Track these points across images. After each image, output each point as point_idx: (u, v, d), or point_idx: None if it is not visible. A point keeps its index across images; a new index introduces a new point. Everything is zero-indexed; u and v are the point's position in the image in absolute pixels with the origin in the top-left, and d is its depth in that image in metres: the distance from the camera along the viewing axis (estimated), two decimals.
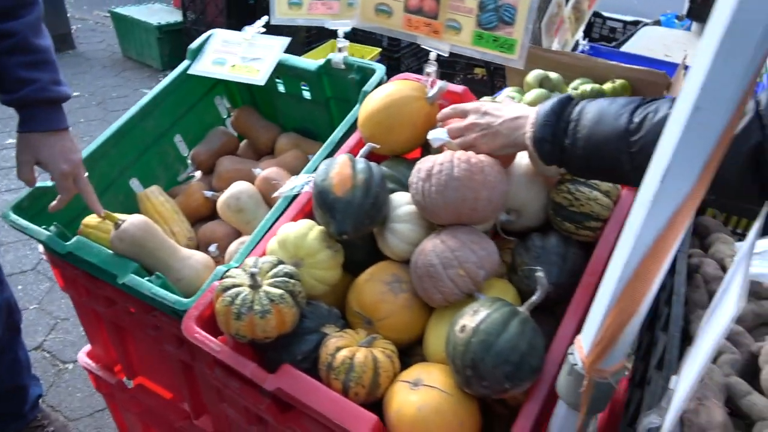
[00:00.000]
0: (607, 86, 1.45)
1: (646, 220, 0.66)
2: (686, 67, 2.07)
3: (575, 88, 1.47)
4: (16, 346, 1.74)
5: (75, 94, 4.43)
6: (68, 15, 5.23)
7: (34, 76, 1.22)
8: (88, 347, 1.74)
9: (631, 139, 0.82)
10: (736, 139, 0.73)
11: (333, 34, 1.52)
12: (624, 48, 3.07)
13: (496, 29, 1.24)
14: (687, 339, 1.03)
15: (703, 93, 0.57)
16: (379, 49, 4.01)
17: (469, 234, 1.05)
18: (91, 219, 1.37)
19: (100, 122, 4.06)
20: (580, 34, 2.10)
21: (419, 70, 5.00)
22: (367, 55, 3.96)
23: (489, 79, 3.12)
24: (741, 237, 1.35)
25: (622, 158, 0.84)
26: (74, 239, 1.28)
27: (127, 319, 1.42)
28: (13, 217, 1.33)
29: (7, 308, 1.65)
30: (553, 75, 1.44)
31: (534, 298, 0.98)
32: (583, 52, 2.14)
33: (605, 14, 4.17)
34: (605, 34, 4.17)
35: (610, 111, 0.86)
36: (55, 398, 2.11)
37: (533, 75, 1.46)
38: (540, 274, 0.97)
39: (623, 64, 1.44)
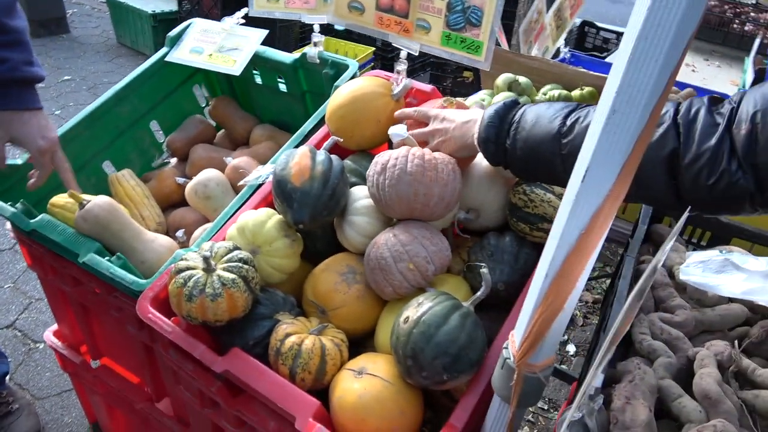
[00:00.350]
0: (576, 93, 1.47)
1: (569, 218, 0.69)
2: None
3: (545, 93, 1.50)
4: None
5: (66, 78, 4.43)
6: None
7: (5, 55, 1.23)
8: (55, 326, 1.75)
9: (563, 141, 0.85)
10: (653, 146, 0.75)
11: (328, 30, 1.54)
12: (610, 58, 3.10)
13: (464, 30, 1.26)
14: (628, 342, 1.05)
15: (619, 97, 0.60)
16: (373, 49, 4.02)
17: (422, 229, 1.08)
18: (59, 198, 1.38)
19: None
20: (561, 41, 2.12)
21: (412, 72, 5.02)
22: (360, 54, 3.98)
23: (476, 82, 3.15)
24: (696, 246, 1.38)
25: (555, 160, 0.86)
26: (39, 217, 1.29)
27: (92, 300, 1.43)
28: None
29: None
30: (522, 79, 1.46)
31: (478, 293, 1.00)
32: (564, 59, 2.17)
33: (600, 25, 4.20)
34: (599, 45, 4.19)
35: (547, 114, 0.89)
36: (24, 377, 2.12)
37: (502, 78, 1.48)
38: (484, 270, 0.99)
39: (592, 72, 1.47)
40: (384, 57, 4.20)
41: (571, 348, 2.52)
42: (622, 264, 1.16)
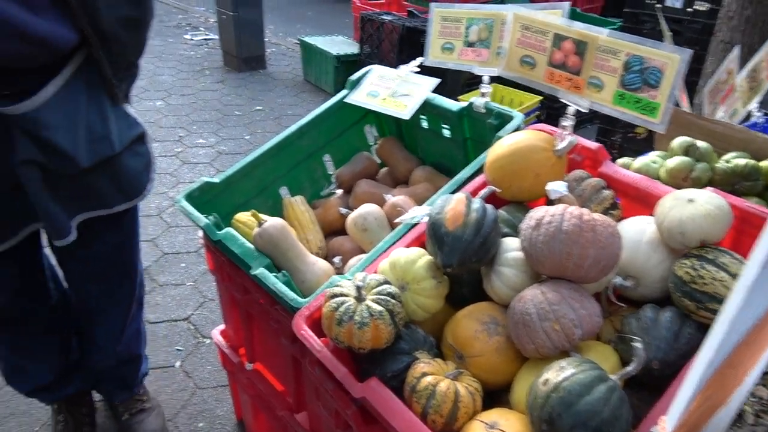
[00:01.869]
0: (765, 164, 1.33)
1: (743, 305, 0.63)
2: None
3: (727, 161, 1.37)
4: (140, 318, 1.99)
5: (258, 108, 5.04)
6: (266, 40, 6.00)
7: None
8: (222, 326, 1.98)
9: None
10: None
11: (496, 79, 1.59)
12: None
13: (640, 91, 1.22)
14: None
15: None
16: (540, 98, 4.00)
17: (572, 290, 1.05)
18: (242, 215, 1.58)
19: (273, 135, 4.56)
20: (754, 104, 1.93)
21: (580, 123, 4.88)
22: (526, 101, 3.97)
23: (649, 139, 2.96)
24: None
25: None
26: (225, 230, 1.49)
27: (256, 308, 1.60)
28: (184, 203, 1.58)
29: (139, 284, 1.91)
30: (701, 144, 1.35)
31: (629, 368, 0.95)
32: (755, 124, 1.96)
33: None
34: None
35: None
36: (191, 366, 2.41)
37: (678, 141, 1.39)
38: (638, 344, 0.94)
39: None
40: (550, 107, 4.14)
41: None
42: None
